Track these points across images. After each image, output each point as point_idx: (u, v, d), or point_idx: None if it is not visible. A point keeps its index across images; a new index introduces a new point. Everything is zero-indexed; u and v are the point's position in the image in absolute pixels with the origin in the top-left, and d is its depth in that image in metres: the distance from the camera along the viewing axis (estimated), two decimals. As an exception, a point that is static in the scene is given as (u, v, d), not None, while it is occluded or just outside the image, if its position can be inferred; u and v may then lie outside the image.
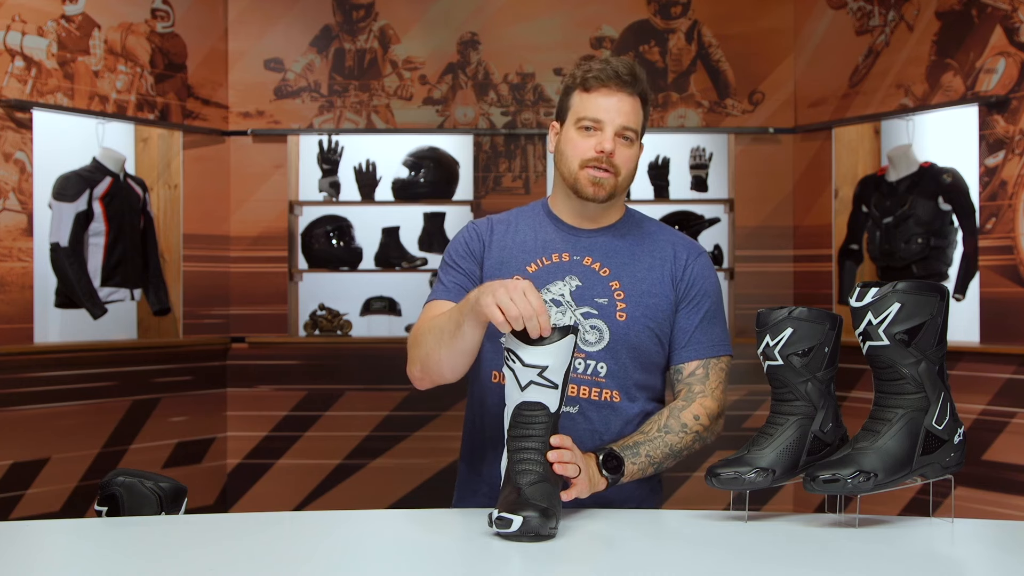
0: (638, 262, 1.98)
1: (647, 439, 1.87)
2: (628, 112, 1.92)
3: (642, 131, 1.98)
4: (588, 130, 1.93)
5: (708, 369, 1.96)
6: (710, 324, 1.98)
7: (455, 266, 2.01)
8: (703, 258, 2.02)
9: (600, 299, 1.94)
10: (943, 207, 4.31)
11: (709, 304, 1.99)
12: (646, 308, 1.94)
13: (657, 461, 1.87)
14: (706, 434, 1.94)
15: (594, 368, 1.92)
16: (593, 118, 1.92)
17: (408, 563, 1.55)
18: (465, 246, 2.03)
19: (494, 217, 2.10)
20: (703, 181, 4.99)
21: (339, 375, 4.85)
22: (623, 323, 1.93)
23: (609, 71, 1.91)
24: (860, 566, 1.50)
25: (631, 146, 1.94)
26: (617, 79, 1.91)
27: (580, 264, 1.97)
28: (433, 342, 1.84)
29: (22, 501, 4.13)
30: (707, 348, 1.97)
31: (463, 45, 4.99)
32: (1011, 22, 4.02)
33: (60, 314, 4.46)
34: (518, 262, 1.99)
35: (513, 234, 2.03)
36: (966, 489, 3.98)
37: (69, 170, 4.29)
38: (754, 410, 4.76)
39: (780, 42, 4.95)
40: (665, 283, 1.97)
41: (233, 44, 4.95)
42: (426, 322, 1.92)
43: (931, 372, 1.68)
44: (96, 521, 1.78)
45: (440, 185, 4.94)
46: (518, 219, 2.07)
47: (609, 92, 1.92)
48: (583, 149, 1.93)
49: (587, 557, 1.56)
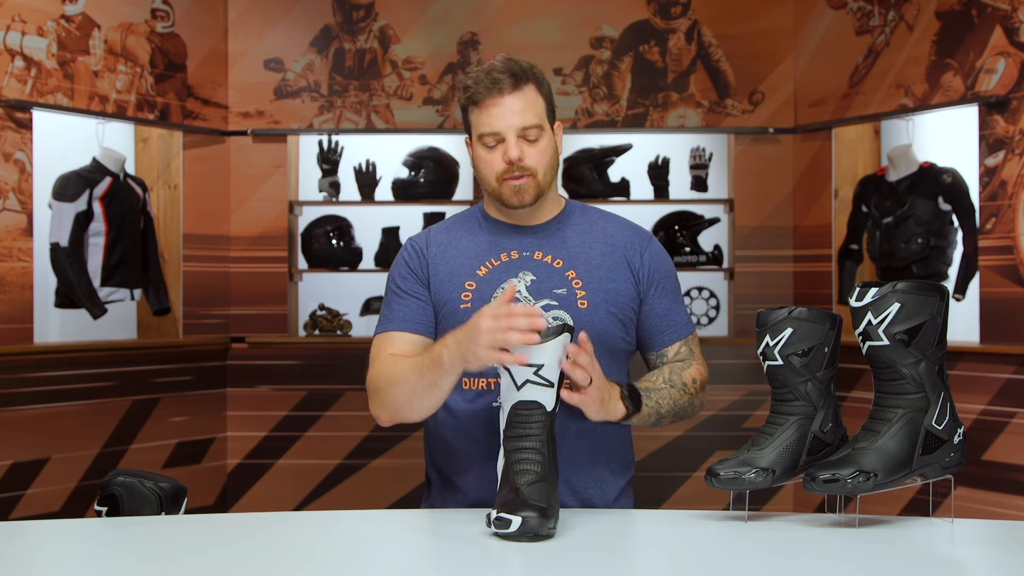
0: (590, 249, 1.98)
1: (655, 387, 1.90)
2: (520, 111, 1.90)
3: (550, 114, 1.96)
4: (491, 146, 1.92)
5: (689, 345, 2.01)
6: (678, 305, 2.02)
7: (400, 293, 1.99)
8: (654, 242, 2.05)
9: (558, 290, 1.92)
10: (943, 207, 4.31)
11: (672, 286, 2.02)
12: (607, 293, 1.94)
13: (662, 412, 1.89)
14: (698, 400, 1.98)
15: None
16: (491, 132, 1.91)
17: (408, 563, 1.55)
18: (407, 268, 2.00)
19: (432, 229, 2.08)
20: (703, 181, 4.99)
21: (339, 375, 4.85)
22: (586, 310, 1.92)
23: (486, 80, 1.90)
24: (860, 566, 1.50)
25: (538, 141, 1.92)
26: (496, 85, 1.89)
27: (531, 259, 1.96)
28: (405, 395, 1.84)
29: (22, 501, 4.13)
30: (683, 327, 2.01)
31: (463, 45, 4.99)
32: (1011, 22, 4.02)
33: (60, 314, 4.46)
34: (466, 269, 1.97)
35: (456, 243, 2.01)
36: (966, 489, 3.98)
37: (69, 170, 4.28)
38: (754, 410, 4.76)
39: (780, 42, 4.95)
40: (622, 268, 1.97)
41: (233, 44, 4.95)
42: (388, 367, 1.89)
43: (931, 372, 1.68)
44: (96, 521, 1.78)
45: (440, 185, 4.94)
46: (456, 227, 2.05)
47: (494, 100, 1.90)
48: (493, 164, 1.92)
49: (587, 557, 1.56)
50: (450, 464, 1.99)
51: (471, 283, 1.95)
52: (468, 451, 1.94)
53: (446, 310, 1.95)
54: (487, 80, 1.90)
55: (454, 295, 1.95)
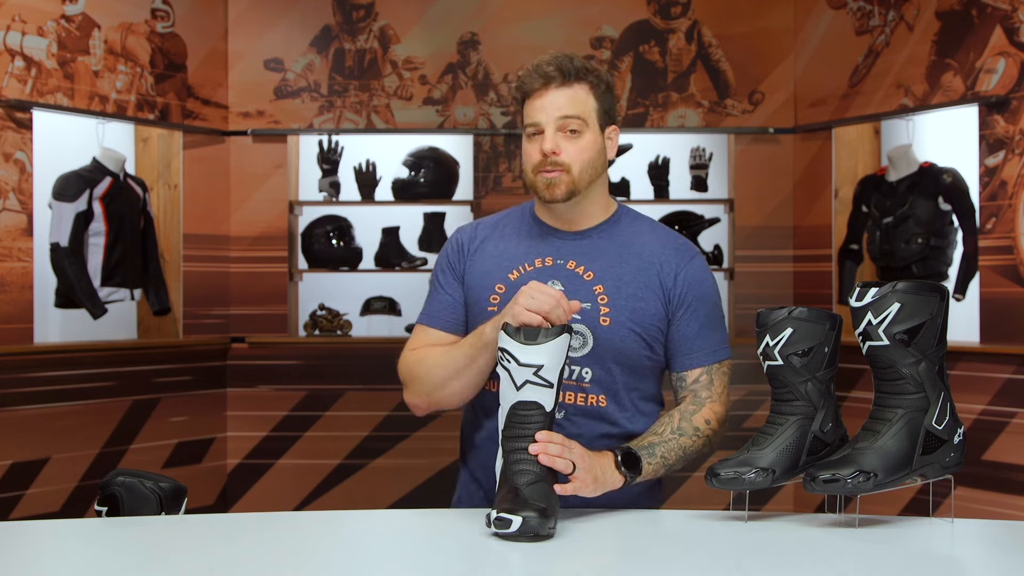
0: (624, 264, 1.95)
1: (661, 440, 1.86)
2: (563, 104, 1.90)
3: (601, 115, 1.95)
4: (533, 136, 1.92)
5: (712, 375, 1.95)
6: (709, 329, 1.96)
7: (438, 286, 2.04)
8: (696, 261, 1.99)
9: (583, 304, 1.91)
10: (943, 207, 4.31)
11: (706, 309, 1.96)
12: (631, 312, 1.92)
13: (671, 463, 1.86)
14: (715, 439, 1.93)
15: (579, 374, 1.91)
16: (533, 123, 1.92)
17: (408, 563, 1.55)
18: (447, 261, 2.04)
19: (483, 221, 2.09)
20: (703, 181, 4.99)
21: (339, 375, 4.85)
22: (607, 328, 1.90)
23: (536, 74, 1.90)
24: (860, 566, 1.50)
25: (579, 137, 1.91)
26: (543, 78, 1.90)
27: (563, 268, 1.95)
28: (442, 378, 1.90)
29: (22, 501, 4.13)
30: (708, 355, 1.95)
31: (463, 45, 4.99)
32: (1011, 22, 4.02)
33: (60, 314, 4.46)
34: (501, 270, 1.98)
35: (498, 241, 2.02)
36: (966, 489, 3.98)
37: (69, 170, 4.28)
38: (754, 410, 4.75)
39: (780, 42, 4.95)
40: (653, 286, 1.94)
41: (233, 44, 4.95)
42: (422, 353, 1.95)
43: (931, 372, 1.68)
44: (96, 521, 1.78)
45: (440, 185, 4.94)
46: (506, 223, 2.06)
47: (541, 92, 1.91)
48: (532, 155, 1.93)
49: (587, 557, 1.56)
50: (480, 466, 2.00)
51: (501, 286, 1.96)
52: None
53: (475, 309, 1.97)
54: (536, 73, 1.91)
55: (484, 296, 1.96)
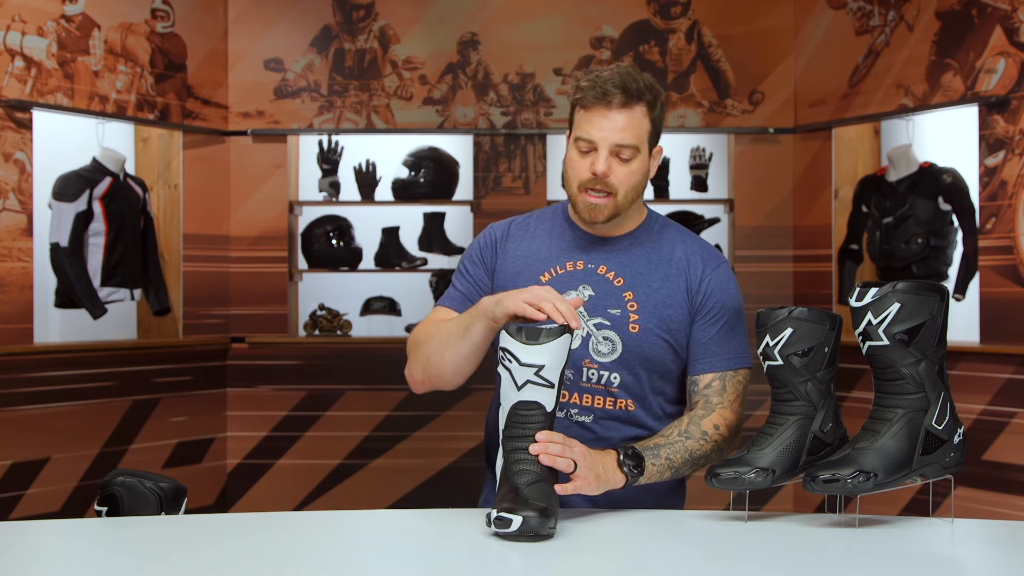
0: (654, 271, 1.96)
1: (668, 442, 1.85)
2: (622, 129, 1.88)
3: (652, 136, 1.94)
4: (584, 151, 1.91)
5: (725, 382, 1.94)
6: (727, 337, 1.95)
7: (466, 274, 2.05)
8: (722, 269, 1.99)
9: (613, 310, 1.92)
10: (943, 207, 4.31)
11: (727, 317, 1.96)
12: (660, 320, 1.93)
13: (676, 465, 1.85)
14: (724, 445, 1.92)
15: (607, 379, 1.92)
16: (587, 139, 1.90)
17: (408, 563, 1.55)
18: (479, 253, 2.05)
19: (515, 220, 2.09)
20: (703, 181, 4.99)
21: (339, 375, 4.85)
22: (636, 335, 1.92)
23: (598, 90, 1.88)
24: (860, 566, 1.50)
25: (629, 163, 1.91)
26: (605, 97, 1.87)
27: (594, 273, 1.96)
28: (438, 345, 1.89)
29: (22, 501, 4.13)
30: (723, 361, 1.95)
31: (463, 45, 4.99)
32: (1011, 22, 4.02)
33: (60, 314, 4.46)
34: (533, 272, 1.99)
35: (530, 241, 2.03)
36: (966, 489, 3.98)
37: (69, 170, 4.29)
38: (754, 410, 4.75)
39: (780, 42, 4.95)
40: (680, 293, 1.95)
41: (233, 44, 4.95)
42: (429, 326, 1.96)
43: (931, 372, 1.68)
44: (96, 521, 1.78)
45: (440, 185, 4.94)
46: (538, 224, 2.06)
47: (602, 111, 1.88)
48: (580, 169, 1.92)
49: (587, 557, 1.56)
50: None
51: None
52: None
53: None
54: (598, 90, 1.88)
55: None
